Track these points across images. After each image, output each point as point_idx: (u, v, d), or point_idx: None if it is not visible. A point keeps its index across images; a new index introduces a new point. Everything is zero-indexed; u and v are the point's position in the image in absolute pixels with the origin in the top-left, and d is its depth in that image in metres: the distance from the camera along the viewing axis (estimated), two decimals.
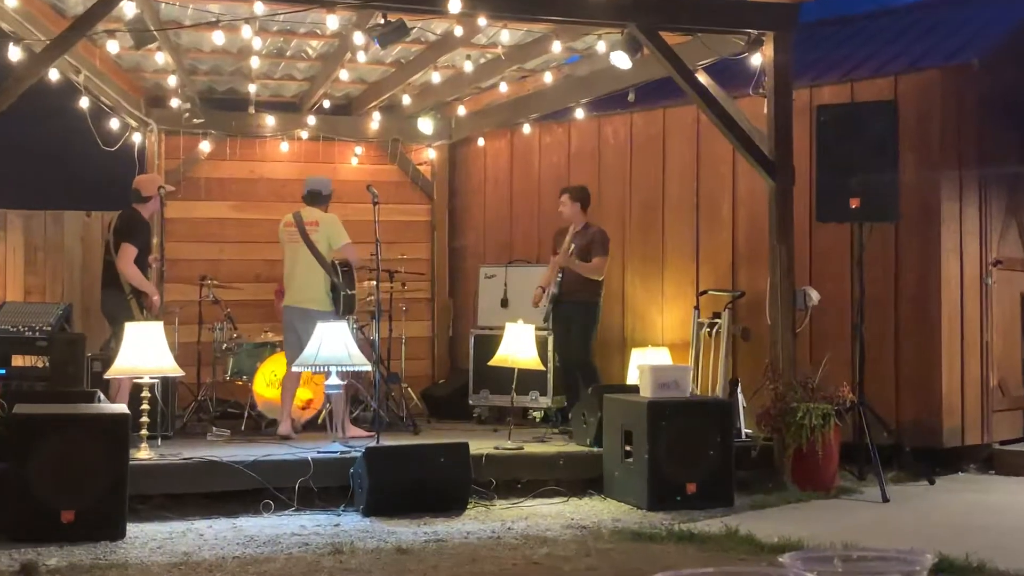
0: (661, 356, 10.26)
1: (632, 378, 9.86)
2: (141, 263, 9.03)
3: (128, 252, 8.93)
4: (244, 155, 11.74)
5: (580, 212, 9.96)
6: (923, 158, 9.28)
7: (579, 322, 9.81)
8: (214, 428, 9.42)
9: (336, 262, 9.22)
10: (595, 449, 8.54)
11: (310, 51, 10.60)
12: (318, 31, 9.79)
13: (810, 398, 8.42)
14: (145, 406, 7.72)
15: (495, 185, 12.19)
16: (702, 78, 8.94)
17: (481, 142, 12.16)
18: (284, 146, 11.85)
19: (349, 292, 9.19)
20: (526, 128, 11.72)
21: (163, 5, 8.96)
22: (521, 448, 8.55)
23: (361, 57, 10.15)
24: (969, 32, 10.12)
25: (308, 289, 9.22)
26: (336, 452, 8.03)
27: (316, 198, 9.43)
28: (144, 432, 7.71)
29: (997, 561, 6.09)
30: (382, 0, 8.10)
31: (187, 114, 11.09)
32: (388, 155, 12.17)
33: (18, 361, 9.42)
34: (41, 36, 8.57)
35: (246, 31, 8.85)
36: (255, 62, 10.39)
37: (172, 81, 10.66)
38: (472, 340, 11.03)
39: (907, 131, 9.04)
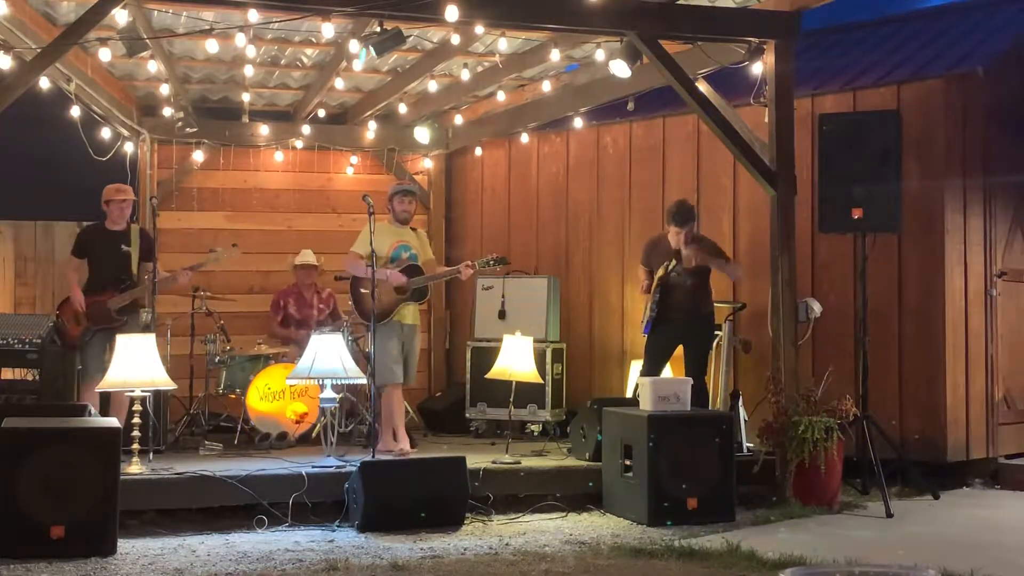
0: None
1: (631, 391, 9.76)
2: (92, 272, 9.05)
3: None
4: (238, 165, 11.68)
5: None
6: (927, 168, 9.22)
7: (700, 338, 9.19)
8: (207, 442, 9.37)
9: None
10: (594, 463, 8.45)
11: (305, 59, 10.53)
12: (313, 39, 9.71)
13: (812, 411, 8.38)
14: (137, 420, 7.61)
15: (492, 195, 12.11)
16: (702, 87, 8.88)
17: (478, 151, 12.10)
18: (278, 156, 11.81)
19: None
20: (524, 137, 11.65)
21: (156, 13, 8.90)
22: (519, 462, 8.45)
23: (357, 66, 10.07)
24: (973, 41, 10.07)
25: None
26: (331, 467, 7.93)
27: None
28: (136, 446, 7.60)
29: None
30: (378, 8, 8.01)
31: (180, 123, 11.04)
32: (384, 165, 12.09)
33: (7, 374, 9.35)
34: (32, 44, 8.49)
35: (240, 39, 8.78)
36: (249, 71, 10.35)
37: (165, 90, 10.57)
38: (469, 352, 10.95)
39: (910, 141, 9.00)
